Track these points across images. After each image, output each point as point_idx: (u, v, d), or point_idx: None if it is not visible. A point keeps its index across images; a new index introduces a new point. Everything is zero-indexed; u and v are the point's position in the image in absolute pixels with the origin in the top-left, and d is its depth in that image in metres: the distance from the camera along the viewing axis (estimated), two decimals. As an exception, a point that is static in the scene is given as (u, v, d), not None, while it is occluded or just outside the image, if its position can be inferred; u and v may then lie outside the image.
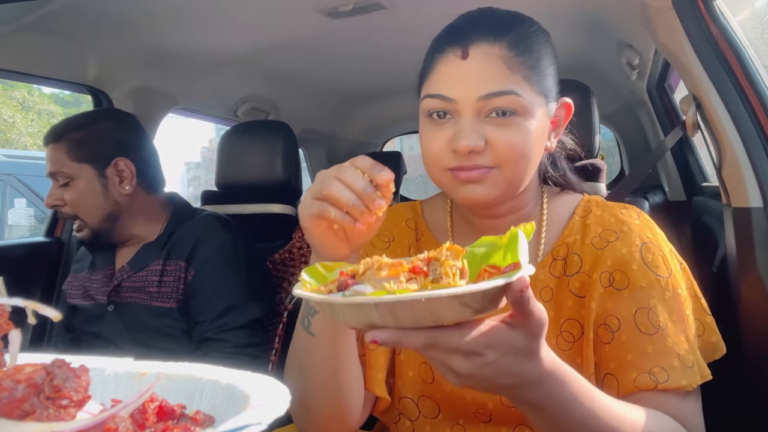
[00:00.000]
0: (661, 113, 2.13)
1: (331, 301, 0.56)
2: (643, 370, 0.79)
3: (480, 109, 0.79)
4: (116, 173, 1.46)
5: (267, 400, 0.41)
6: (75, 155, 1.43)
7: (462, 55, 0.79)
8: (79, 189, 1.44)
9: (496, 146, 0.79)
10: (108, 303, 1.48)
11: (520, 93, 0.78)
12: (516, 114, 0.79)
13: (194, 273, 1.43)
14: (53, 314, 0.43)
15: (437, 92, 0.81)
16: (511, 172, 0.80)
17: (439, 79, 0.81)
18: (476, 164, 0.79)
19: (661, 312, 0.81)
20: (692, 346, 0.81)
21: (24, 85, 11.09)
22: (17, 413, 0.35)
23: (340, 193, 0.66)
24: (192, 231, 1.49)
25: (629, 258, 0.84)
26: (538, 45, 0.83)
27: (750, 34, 1.26)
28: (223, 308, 1.40)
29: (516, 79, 0.79)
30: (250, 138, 1.91)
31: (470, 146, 0.77)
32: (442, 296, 0.52)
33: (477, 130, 0.78)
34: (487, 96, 0.78)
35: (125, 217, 1.49)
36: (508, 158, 0.79)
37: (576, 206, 0.93)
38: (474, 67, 0.79)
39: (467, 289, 0.53)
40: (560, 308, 0.87)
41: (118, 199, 1.47)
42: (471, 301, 0.55)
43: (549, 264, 0.89)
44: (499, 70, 0.78)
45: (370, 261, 0.59)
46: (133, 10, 1.51)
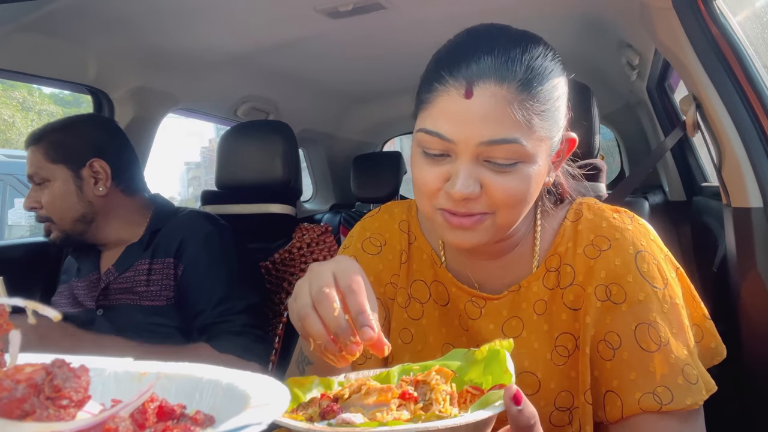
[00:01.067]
0: (661, 113, 2.13)
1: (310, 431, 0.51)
2: (647, 390, 0.77)
3: (479, 154, 0.74)
4: (91, 174, 1.47)
5: (267, 400, 0.41)
6: (51, 156, 1.45)
7: (466, 94, 0.72)
8: (55, 190, 1.45)
9: (492, 193, 0.74)
10: (97, 308, 1.48)
11: (524, 141, 0.73)
12: (517, 162, 0.74)
13: (184, 268, 1.44)
14: (53, 314, 0.43)
15: (435, 130, 0.74)
16: (504, 218, 0.77)
17: (438, 116, 0.75)
18: (469, 211, 0.75)
19: (662, 326, 0.79)
20: (694, 357, 0.80)
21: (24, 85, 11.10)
22: (17, 413, 0.35)
23: (312, 327, 0.62)
24: (177, 228, 1.50)
25: (623, 270, 0.82)
26: (550, 84, 0.76)
27: (750, 34, 1.26)
28: (221, 296, 1.42)
29: (521, 126, 0.72)
30: (250, 138, 1.91)
31: (465, 194, 0.73)
32: (438, 428, 0.50)
33: (474, 175, 0.74)
34: (489, 142, 0.72)
35: (100, 219, 1.49)
36: (503, 205, 0.76)
37: (567, 211, 0.90)
38: (477, 109, 0.72)
39: (461, 421, 0.51)
40: (554, 322, 0.86)
41: (92, 201, 1.47)
42: (464, 430, 0.53)
43: (542, 276, 0.87)
44: (505, 114, 0.72)
45: (356, 384, 0.57)
46: (133, 10, 1.51)
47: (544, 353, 0.85)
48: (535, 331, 0.86)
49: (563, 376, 0.85)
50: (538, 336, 0.86)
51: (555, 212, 0.91)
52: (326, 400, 0.57)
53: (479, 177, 0.74)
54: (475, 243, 0.79)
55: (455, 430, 0.52)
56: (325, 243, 1.86)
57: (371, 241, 0.97)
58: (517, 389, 0.55)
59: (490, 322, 0.88)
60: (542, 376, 0.85)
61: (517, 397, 0.55)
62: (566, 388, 0.84)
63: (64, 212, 1.46)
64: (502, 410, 0.55)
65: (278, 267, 1.80)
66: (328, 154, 3.10)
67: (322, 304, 0.62)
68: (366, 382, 0.57)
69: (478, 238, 0.78)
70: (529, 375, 0.85)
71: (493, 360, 0.63)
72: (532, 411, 0.56)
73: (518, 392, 0.55)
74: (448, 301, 0.92)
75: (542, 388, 0.84)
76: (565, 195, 0.91)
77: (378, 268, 0.95)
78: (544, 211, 0.91)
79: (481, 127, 0.72)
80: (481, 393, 0.59)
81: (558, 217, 0.90)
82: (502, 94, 0.72)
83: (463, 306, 0.90)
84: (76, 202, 1.46)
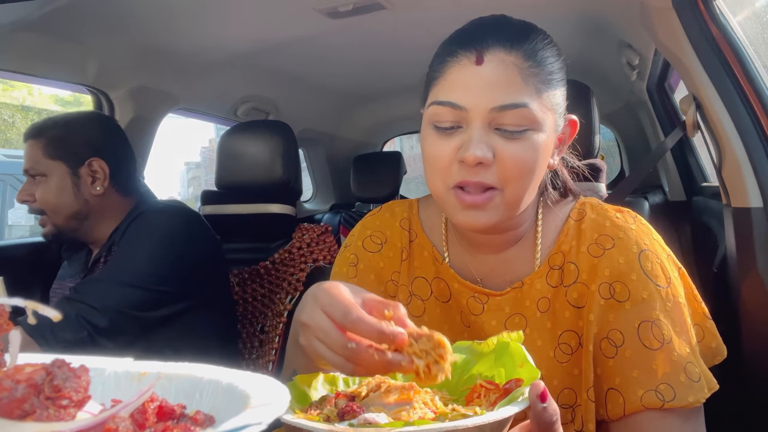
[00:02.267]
0: (661, 113, 2.13)
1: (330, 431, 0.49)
2: (650, 387, 0.78)
3: (491, 120, 0.76)
4: (89, 173, 1.46)
5: (267, 400, 0.41)
6: (50, 152, 1.44)
7: (477, 60, 0.75)
8: (51, 186, 1.44)
9: (504, 161, 0.76)
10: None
11: (533, 107, 0.76)
12: (527, 128, 0.76)
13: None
14: (53, 314, 0.43)
15: (447, 99, 0.77)
16: (512, 193, 0.78)
17: (451, 86, 0.77)
18: (481, 180, 0.76)
19: (665, 324, 0.80)
20: (696, 355, 0.81)
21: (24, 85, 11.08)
22: (17, 413, 0.35)
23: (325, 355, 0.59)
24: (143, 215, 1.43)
25: (627, 268, 0.82)
26: (552, 59, 0.80)
27: (750, 34, 1.26)
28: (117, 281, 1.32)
29: (529, 91, 0.76)
30: (250, 138, 1.91)
31: (479, 157, 0.74)
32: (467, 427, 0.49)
33: (486, 141, 0.75)
34: (500, 108, 0.75)
35: (94, 218, 1.48)
36: (514, 176, 0.77)
37: (570, 210, 0.91)
38: (488, 75, 0.75)
39: (487, 419, 0.51)
40: (557, 319, 0.86)
41: (88, 199, 1.46)
42: (489, 429, 0.52)
43: (546, 274, 0.88)
44: (514, 80, 0.75)
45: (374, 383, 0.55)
46: (133, 10, 1.51)
47: (547, 351, 0.86)
48: (538, 328, 0.87)
49: (566, 373, 0.85)
50: (541, 333, 0.87)
51: (558, 209, 0.91)
52: (343, 399, 0.56)
53: (491, 144, 0.76)
54: (486, 222, 0.79)
55: (482, 428, 0.51)
56: (325, 243, 1.86)
57: (372, 239, 0.97)
58: (544, 387, 0.55)
59: (493, 318, 0.89)
60: (545, 373, 0.85)
61: (544, 394, 0.55)
62: (569, 386, 0.85)
63: (58, 208, 1.45)
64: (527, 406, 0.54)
65: (278, 267, 1.80)
66: (328, 154, 3.10)
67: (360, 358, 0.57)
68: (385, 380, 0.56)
69: (489, 218, 0.79)
70: None
71: (503, 353, 0.62)
72: (555, 408, 0.57)
73: (545, 390, 0.55)
74: (449, 297, 0.92)
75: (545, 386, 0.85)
76: (568, 187, 0.93)
77: (379, 265, 0.95)
78: (546, 206, 0.92)
79: (492, 93, 0.75)
80: (496, 387, 0.59)
81: (561, 216, 0.91)
82: (511, 60, 0.76)
83: (465, 302, 0.91)
84: (71, 200, 1.45)
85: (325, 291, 0.61)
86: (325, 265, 1.78)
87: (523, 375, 0.60)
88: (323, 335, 0.59)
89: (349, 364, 0.58)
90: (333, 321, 0.58)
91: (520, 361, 0.61)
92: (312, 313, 0.60)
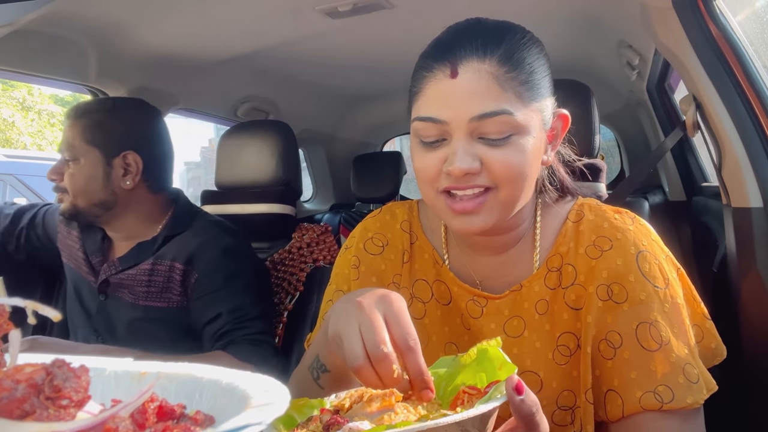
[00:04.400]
0: (661, 113, 2.13)
1: None
2: (648, 389, 0.78)
3: (473, 130, 0.76)
4: (123, 165, 1.45)
5: (267, 400, 0.41)
6: (87, 137, 1.42)
7: (451, 74, 0.76)
8: (81, 171, 1.42)
9: (492, 167, 0.76)
10: (99, 293, 1.49)
11: (514, 112, 0.75)
12: (511, 134, 0.76)
13: (199, 277, 1.42)
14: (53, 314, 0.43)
15: (428, 114, 0.78)
16: (507, 194, 0.78)
17: (430, 101, 0.78)
18: (473, 184, 0.77)
19: (663, 325, 0.80)
20: (695, 356, 0.80)
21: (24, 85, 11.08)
22: (17, 413, 0.35)
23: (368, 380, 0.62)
24: (191, 237, 1.48)
25: (625, 269, 0.82)
26: (531, 57, 0.79)
27: (750, 34, 1.26)
28: (237, 303, 1.41)
29: (508, 97, 0.76)
30: (250, 138, 1.91)
31: (465, 169, 0.75)
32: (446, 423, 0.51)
33: (471, 151, 0.76)
34: (479, 117, 0.75)
35: (119, 210, 1.47)
36: (504, 179, 0.77)
37: (569, 211, 0.91)
38: (464, 86, 0.75)
39: (467, 415, 0.52)
40: (556, 321, 0.86)
41: (116, 191, 1.45)
42: (470, 425, 0.54)
43: (544, 276, 0.87)
44: (491, 88, 0.75)
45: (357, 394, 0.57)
46: (133, 10, 1.51)
47: (546, 353, 0.85)
48: (536, 330, 0.87)
49: (565, 375, 0.85)
50: (540, 335, 0.86)
51: (556, 210, 0.91)
52: (327, 413, 0.57)
53: (477, 153, 0.76)
54: (482, 226, 0.79)
55: (462, 424, 0.52)
56: (325, 243, 1.86)
57: (373, 241, 0.97)
58: (519, 379, 0.56)
59: (492, 321, 0.89)
60: (544, 375, 0.85)
61: (519, 387, 0.56)
62: (568, 388, 0.84)
63: (84, 194, 1.43)
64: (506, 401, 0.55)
65: (278, 267, 1.80)
66: (328, 154, 3.10)
67: (381, 365, 0.61)
68: (367, 391, 0.57)
69: (484, 221, 0.79)
70: (531, 374, 0.85)
71: (483, 359, 0.64)
72: (534, 399, 0.57)
73: (520, 382, 0.56)
74: (450, 300, 0.92)
75: (544, 387, 0.85)
76: (565, 186, 0.92)
77: (380, 267, 0.95)
78: (545, 206, 0.91)
79: (470, 103, 0.75)
80: (478, 392, 0.59)
81: (559, 217, 0.90)
82: (485, 68, 0.76)
83: (464, 305, 0.90)
84: (99, 189, 1.44)
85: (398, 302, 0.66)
86: (325, 265, 1.78)
87: (502, 376, 0.61)
88: (368, 327, 0.62)
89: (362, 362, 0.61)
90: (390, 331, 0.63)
91: (499, 364, 0.62)
92: (372, 306, 0.64)
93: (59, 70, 1.73)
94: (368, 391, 0.57)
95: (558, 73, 0.87)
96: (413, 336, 0.63)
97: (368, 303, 0.65)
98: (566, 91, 0.91)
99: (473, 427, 0.54)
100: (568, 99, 0.93)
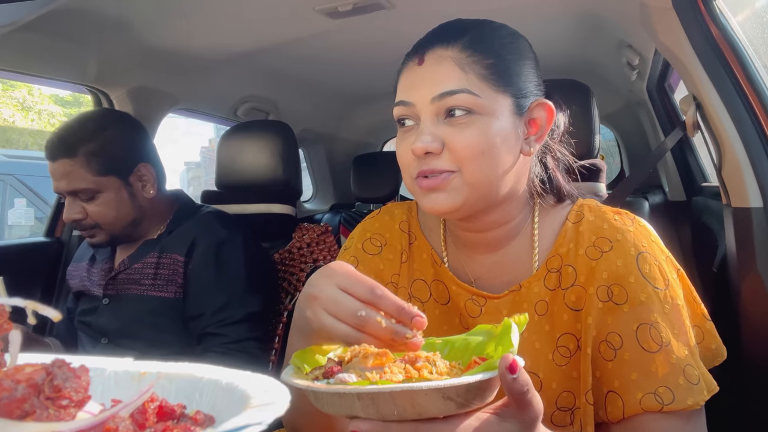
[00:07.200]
0: (661, 113, 2.13)
1: (314, 389, 0.55)
2: (649, 390, 0.78)
3: (437, 111, 0.80)
4: (138, 179, 1.47)
5: (267, 400, 0.41)
6: (96, 168, 1.38)
7: (419, 62, 0.83)
8: (107, 201, 1.41)
9: (453, 147, 0.79)
10: (103, 296, 1.50)
11: (475, 91, 0.79)
12: (473, 113, 0.79)
13: (191, 268, 1.44)
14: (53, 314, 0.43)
15: (399, 99, 0.84)
16: (471, 174, 0.79)
17: (401, 88, 0.85)
18: (434, 168, 0.79)
19: (663, 327, 0.79)
20: (695, 358, 0.80)
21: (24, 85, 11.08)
22: (17, 413, 0.35)
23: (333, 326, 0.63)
24: (191, 228, 1.50)
25: (625, 270, 0.82)
26: (499, 42, 0.83)
27: (750, 34, 1.26)
28: (222, 303, 1.41)
29: (469, 78, 0.79)
30: (250, 138, 1.91)
31: (424, 147, 0.78)
32: (423, 389, 0.52)
33: (433, 132, 0.79)
34: (440, 96, 0.79)
35: (146, 221, 1.50)
36: (466, 159, 0.79)
37: (568, 212, 0.90)
38: (427, 71, 0.81)
39: (449, 383, 0.52)
40: (555, 322, 0.86)
41: (142, 204, 1.48)
42: (454, 394, 0.53)
43: (543, 276, 0.87)
44: (451, 70, 0.80)
45: (358, 349, 0.59)
46: (133, 10, 1.51)
47: (546, 354, 0.85)
48: (536, 331, 0.87)
49: (565, 376, 0.85)
50: (540, 336, 0.86)
51: (555, 211, 0.91)
52: (331, 362, 0.60)
53: (440, 135, 0.79)
54: (450, 205, 0.81)
55: (444, 391, 0.53)
56: (325, 243, 1.86)
57: (372, 242, 0.97)
58: (514, 358, 0.55)
59: (490, 321, 0.88)
60: (544, 376, 0.85)
61: (513, 365, 0.54)
62: (568, 389, 0.84)
63: (117, 220, 1.44)
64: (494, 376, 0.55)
65: (278, 267, 1.80)
66: (328, 154, 3.10)
67: (368, 325, 0.62)
68: (365, 347, 0.59)
69: (452, 200, 0.80)
70: (531, 375, 0.85)
71: (505, 334, 0.63)
72: (526, 379, 0.56)
73: (514, 361, 0.55)
74: (448, 299, 0.92)
75: (544, 389, 0.84)
76: (563, 192, 0.91)
77: (378, 267, 0.95)
78: (543, 208, 0.91)
79: (432, 85, 0.80)
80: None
81: (559, 218, 0.90)
82: (448, 54, 0.81)
83: (463, 304, 0.91)
84: (129, 210, 1.45)
85: (343, 269, 0.66)
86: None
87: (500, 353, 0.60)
88: (334, 305, 0.63)
89: (355, 333, 0.62)
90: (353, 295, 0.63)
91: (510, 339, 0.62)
92: (323, 287, 0.65)
93: (59, 70, 1.73)
94: (366, 348, 0.59)
95: (558, 73, 0.87)
96: (374, 285, 0.64)
97: (319, 289, 0.65)
98: (566, 91, 0.91)
99: (457, 396, 0.54)
100: (568, 99, 0.93)
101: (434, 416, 0.55)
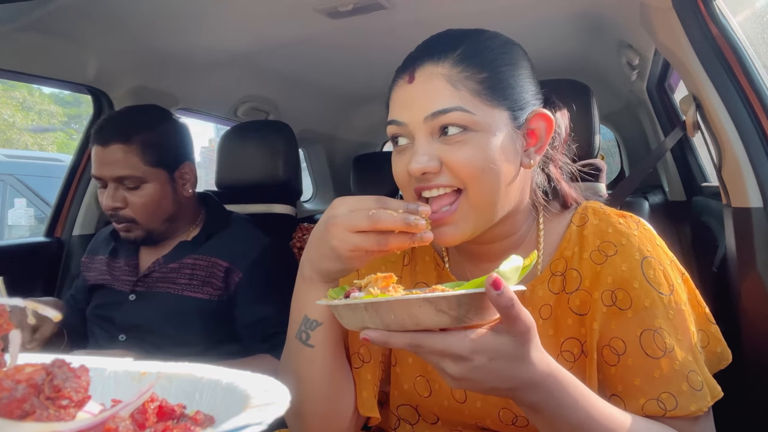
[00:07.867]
0: (661, 113, 2.13)
1: (332, 305, 0.67)
2: (651, 396, 0.77)
3: (431, 130, 0.78)
4: (181, 176, 1.49)
5: (267, 400, 0.41)
6: (149, 158, 1.41)
7: (409, 80, 0.80)
8: (151, 192, 1.43)
9: (452, 165, 0.77)
10: (130, 292, 1.50)
11: (469, 108, 0.76)
12: (468, 130, 0.76)
13: (244, 276, 1.45)
14: (53, 314, 0.43)
15: (392, 118, 0.82)
16: (476, 195, 0.77)
17: (393, 106, 0.83)
18: (438, 183, 0.78)
19: (667, 333, 0.79)
20: (699, 363, 0.80)
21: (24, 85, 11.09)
22: (17, 413, 0.35)
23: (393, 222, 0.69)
24: (232, 235, 1.52)
25: (630, 275, 0.81)
26: (492, 55, 0.80)
27: (750, 34, 1.26)
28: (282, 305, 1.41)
29: (462, 95, 0.77)
30: (250, 138, 1.91)
31: (420, 168, 0.77)
32: (414, 299, 0.59)
33: (429, 151, 0.77)
34: (432, 115, 0.77)
35: (180, 219, 1.52)
36: (467, 178, 0.77)
37: (573, 215, 0.90)
38: (418, 89, 0.79)
39: (438, 295, 0.59)
40: (560, 326, 0.85)
41: (180, 201, 1.50)
42: (446, 307, 0.60)
43: (548, 280, 0.87)
44: (443, 88, 0.77)
45: (373, 277, 0.67)
46: (133, 10, 1.51)
47: None
48: (540, 335, 0.86)
49: None
50: (544, 340, 0.85)
51: (560, 216, 0.90)
52: (351, 288, 0.69)
53: (437, 153, 0.78)
54: (459, 237, 0.79)
55: (435, 303, 0.59)
56: (325, 243, 1.86)
57: None
58: (497, 276, 0.60)
59: None
60: None
61: (496, 282, 0.59)
62: None
63: (157, 213, 1.45)
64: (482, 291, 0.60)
65: (278, 267, 1.80)
66: (328, 154, 3.10)
67: (381, 220, 0.69)
68: (378, 275, 0.67)
69: (461, 231, 0.79)
70: None
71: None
72: (511, 295, 0.60)
73: (497, 278, 0.59)
74: None
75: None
76: (568, 200, 0.91)
77: (380, 269, 0.95)
78: (547, 217, 0.90)
79: (424, 104, 0.78)
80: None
81: (563, 221, 0.90)
82: (439, 71, 0.79)
83: None
84: (169, 204, 1.47)
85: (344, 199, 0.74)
86: (325, 265, 1.78)
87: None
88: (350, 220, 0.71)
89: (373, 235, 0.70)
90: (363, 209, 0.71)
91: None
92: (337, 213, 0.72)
93: (59, 70, 1.73)
94: (378, 275, 0.66)
95: (558, 73, 0.87)
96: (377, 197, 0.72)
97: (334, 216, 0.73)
98: (566, 91, 0.91)
99: (449, 309, 0.60)
100: (568, 99, 0.92)
101: (430, 328, 0.62)
